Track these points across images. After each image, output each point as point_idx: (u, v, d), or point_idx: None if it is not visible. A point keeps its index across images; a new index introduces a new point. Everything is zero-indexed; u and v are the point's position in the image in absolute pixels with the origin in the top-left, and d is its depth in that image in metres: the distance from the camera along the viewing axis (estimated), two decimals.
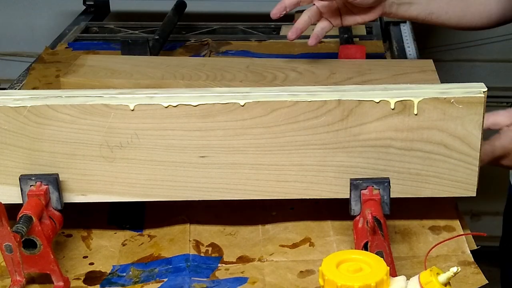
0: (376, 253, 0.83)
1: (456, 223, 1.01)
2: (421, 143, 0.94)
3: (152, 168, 0.97)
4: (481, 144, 0.95)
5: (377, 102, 0.93)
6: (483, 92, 0.93)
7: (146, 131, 0.96)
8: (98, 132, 0.95)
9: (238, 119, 0.95)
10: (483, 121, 0.93)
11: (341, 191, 0.96)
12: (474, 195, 0.97)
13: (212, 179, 0.97)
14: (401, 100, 0.93)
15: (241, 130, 0.95)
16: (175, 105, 0.94)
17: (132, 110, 0.95)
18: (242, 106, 0.94)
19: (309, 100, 0.94)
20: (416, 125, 0.94)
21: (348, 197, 0.95)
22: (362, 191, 0.92)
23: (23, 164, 0.96)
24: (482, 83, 0.95)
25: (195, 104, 0.94)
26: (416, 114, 0.93)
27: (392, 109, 0.93)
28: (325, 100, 0.94)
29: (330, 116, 0.94)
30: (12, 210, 0.90)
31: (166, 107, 0.95)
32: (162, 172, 0.97)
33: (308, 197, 0.98)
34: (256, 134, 0.96)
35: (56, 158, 0.96)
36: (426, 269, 0.77)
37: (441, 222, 1.01)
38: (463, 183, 0.96)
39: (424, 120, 0.94)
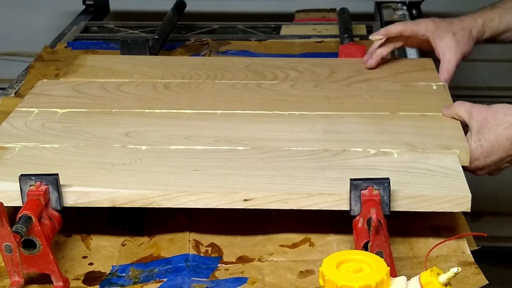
0: (376, 253, 0.83)
1: (456, 223, 1.01)
2: None
3: None
4: None
5: None
6: None
7: None
8: None
9: None
10: None
11: None
12: None
13: None
14: None
15: None
16: None
17: None
18: None
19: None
20: None
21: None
22: (362, 191, 0.92)
23: None
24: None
25: None
26: None
27: None
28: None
29: None
30: None
31: None
32: None
33: None
34: None
35: None
36: (426, 270, 0.76)
37: (441, 222, 1.01)
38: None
39: None
